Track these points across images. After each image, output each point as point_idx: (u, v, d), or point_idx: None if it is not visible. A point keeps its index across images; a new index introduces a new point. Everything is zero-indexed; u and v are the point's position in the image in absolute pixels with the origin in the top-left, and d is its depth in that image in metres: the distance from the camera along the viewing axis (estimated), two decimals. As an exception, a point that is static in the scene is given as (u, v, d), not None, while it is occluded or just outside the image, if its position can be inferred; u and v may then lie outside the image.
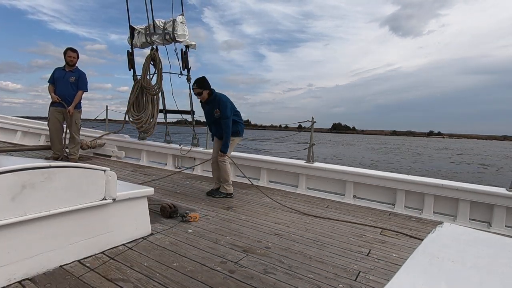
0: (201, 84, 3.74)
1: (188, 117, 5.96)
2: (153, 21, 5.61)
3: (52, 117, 5.01)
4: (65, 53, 4.95)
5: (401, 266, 0.74)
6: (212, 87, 3.81)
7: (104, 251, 2.07)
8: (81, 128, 5.40)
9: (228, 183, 3.86)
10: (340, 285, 1.86)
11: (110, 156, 6.33)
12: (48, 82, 4.99)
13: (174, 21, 5.39)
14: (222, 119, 3.73)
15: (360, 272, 2.05)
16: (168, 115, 6.19)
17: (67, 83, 4.91)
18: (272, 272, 1.96)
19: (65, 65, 4.97)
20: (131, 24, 5.92)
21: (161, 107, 6.03)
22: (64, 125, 5.12)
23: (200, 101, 3.90)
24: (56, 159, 5.05)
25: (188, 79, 5.73)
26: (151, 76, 5.83)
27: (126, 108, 6.03)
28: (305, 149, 4.51)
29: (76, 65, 5.03)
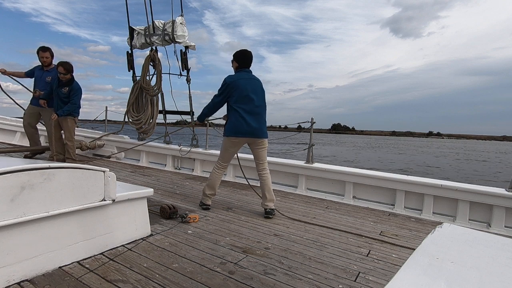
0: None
1: (187, 118, 5.96)
2: (153, 22, 5.61)
3: (47, 119, 5.00)
4: (37, 53, 4.87)
5: (400, 266, 0.74)
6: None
7: (104, 252, 2.07)
8: (81, 128, 5.39)
9: (203, 193, 3.30)
10: (340, 286, 1.85)
11: (109, 157, 6.32)
12: (25, 72, 4.98)
13: (173, 22, 5.39)
14: None
15: (359, 272, 2.05)
16: (168, 115, 6.20)
17: (44, 83, 4.90)
18: (272, 273, 1.96)
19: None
20: (130, 25, 5.93)
21: (160, 108, 6.04)
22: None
23: None
24: (55, 160, 5.05)
25: (188, 80, 5.73)
26: (151, 77, 5.83)
27: (125, 109, 6.03)
28: (305, 149, 4.51)
29: (53, 63, 4.96)
